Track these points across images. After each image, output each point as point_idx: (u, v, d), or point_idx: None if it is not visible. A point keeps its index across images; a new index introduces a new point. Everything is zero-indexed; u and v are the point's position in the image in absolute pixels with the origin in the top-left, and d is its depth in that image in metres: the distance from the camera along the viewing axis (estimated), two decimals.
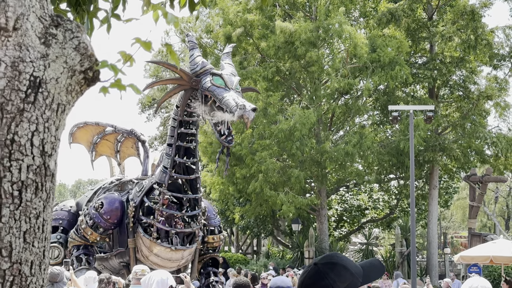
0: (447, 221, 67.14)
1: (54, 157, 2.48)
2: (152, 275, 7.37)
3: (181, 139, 12.18)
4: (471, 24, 31.03)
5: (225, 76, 11.18)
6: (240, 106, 10.27)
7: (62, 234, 15.05)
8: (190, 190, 12.75)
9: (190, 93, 11.60)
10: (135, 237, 12.90)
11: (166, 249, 12.51)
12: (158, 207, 12.45)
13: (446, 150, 32.03)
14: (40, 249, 2.42)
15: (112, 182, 14.98)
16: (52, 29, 2.46)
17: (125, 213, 13.26)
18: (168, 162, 12.31)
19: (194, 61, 11.66)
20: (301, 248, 34.44)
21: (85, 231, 13.39)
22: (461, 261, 25.19)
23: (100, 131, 15.12)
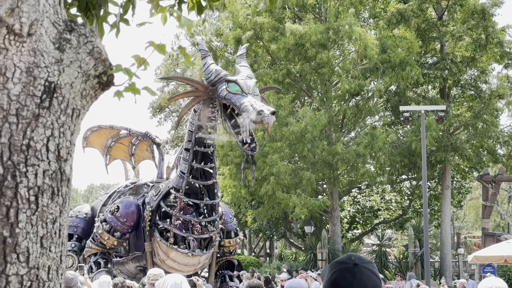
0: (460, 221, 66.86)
1: (69, 162, 2.48)
2: (166, 278, 7.35)
3: (198, 144, 12.00)
4: (481, 23, 30.91)
5: (240, 82, 10.90)
6: (259, 111, 10.00)
7: (77, 243, 14.99)
8: (208, 195, 12.61)
9: (208, 102, 11.40)
10: (152, 241, 12.81)
11: (182, 254, 12.42)
12: (175, 213, 12.33)
13: (458, 150, 31.89)
14: (57, 254, 2.42)
15: (126, 186, 14.91)
16: (66, 34, 2.47)
17: (141, 217, 13.16)
18: (185, 167, 12.14)
19: (208, 69, 11.45)
20: (314, 250, 34.37)
21: (101, 237, 13.24)
22: (475, 262, 25.04)
23: (114, 135, 14.99)
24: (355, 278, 2.48)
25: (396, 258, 38.57)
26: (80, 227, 15.32)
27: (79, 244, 14.97)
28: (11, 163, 2.29)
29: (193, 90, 11.67)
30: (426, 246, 24.88)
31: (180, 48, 2.68)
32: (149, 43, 2.54)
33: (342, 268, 2.53)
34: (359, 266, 2.51)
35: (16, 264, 2.27)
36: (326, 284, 2.56)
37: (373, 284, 2.49)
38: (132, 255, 13.67)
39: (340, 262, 2.57)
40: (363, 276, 2.49)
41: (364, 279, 2.48)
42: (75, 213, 15.81)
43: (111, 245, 13.29)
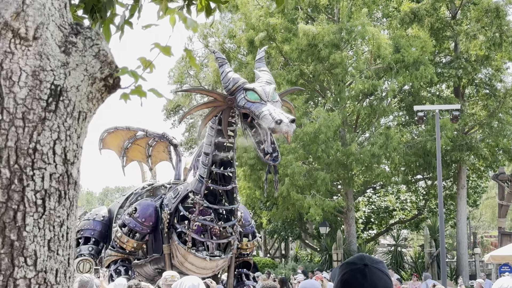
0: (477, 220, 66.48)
1: (76, 165, 2.48)
2: (183, 281, 7.36)
3: (218, 148, 11.75)
4: (495, 21, 30.74)
5: (259, 89, 10.62)
6: (277, 120, 9.74)
7: (94, 246, 14.80)
8: (227, 200, 12.40)
9: (229, 111, 11.17)
10: (170, 243, 12.67)
11: (200, 259, 12.30)
12: (193, 217, 12.15)
13: (474, 149, 31.75)
14: (65, 257, 2.42)
15: (144, 188, 14.75)
16: (72, 37, 2.47)
17: (159, 219, 13.00)
18: (205, 172, 11.92)
19: (226, 77, 11.19)
20: (329, 251, 34.32)
21: (121, 240, 13.03)
22: (491, 261, 24.92)
23: (131, 136, 14.77)
24: (365, 279, 2.48)
25: (412, 258, 38.44)
26: (97, 230, 15.06)
27: (96, 247, 14.82)
28: (18, 166, 2.29)
29: (212, 101, 11.43)
30: (442, 246, 24.77)
31: (187, 50, 2.66)
32: (155, 44, 2.54)
33: (352, 269, 2.52)
34: (370, 266, 2.51)
35: (24, 268, 2.28)
36: (337, 285, 2.55)
37: (384, 285, 2.48)
38: (150, 258, 13.50)
39: (351, 263, 2.56)
40: (373, 276, 2.48)
41: (375, 279, 2.48)
42: (92, 216, 15.61)
43: (131, 248, 13.08)
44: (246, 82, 11.13)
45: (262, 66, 11.81)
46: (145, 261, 13.70)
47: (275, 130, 9.79)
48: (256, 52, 32.31)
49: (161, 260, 13.14)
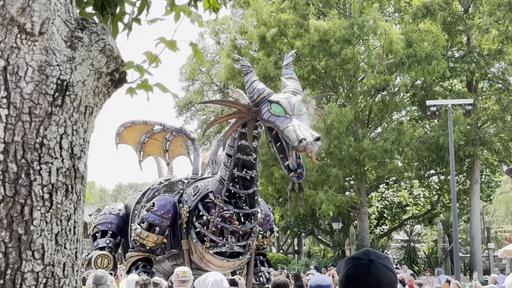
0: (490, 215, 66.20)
1: (83, 159, 2.50)
2: (207, 276, 7.40)
3: (241, 151, 11.41)
4: (508, 15, 30.54)
5: (284, 102, 10.14)
6: (301, 139, 9.35)
7: (111, 239, 14.47)
8: (248, 203, 12.12)
9: (253, 123, 10.81)
10: (189, 239, 12.42)
11: (217, 259, 12.10)
12: (213, 219, 11.87)
13: (487, 143, 31.61)
14: (72, 250, 2.44)
15: (161, 183, 14.39)
16: (78, 32, 2.49)
17: (178, 214, 12.72)
18: (226, 174, 11.61)
19: (251, 87, 10.76)
20: (342, 246, 34.28)
21: (141, 237, 12.68)
22: (505, 256, 24.83)
23: (148, 130, 14.46)
24: (370, 274, 2.48)
25: (425, 254, 38.32)
26: (114, 223, 14.74)
27: (114, 240, 14.48)
28: (25, 161, 2.31)
29: (236, 112, 11.08)
30: (456, 241, 24.68)
31: (192, 44, 2.66)
32: (160, 39, 2.54)
33: (357, 264, 2.53)
34: (375, 262, 2.51)
35: (32, 261, 2.30)
36: (342, 279, 2.56)
37: (388, 280, 2.48)
38: (168, 253, 13.19)
39: (356, 258, 2.56)
40: (378, 272, 2.48)
41: (380, 275, 2.48)
42: (108, 210, 15.39)
43: (151, 243, 12.72)
44: (271, 93, 10.68)
45: (290, 73, 11.32)
46: (163, 257, 13.41)
47: (299, 148, 9.47)
48: (267, 48, 32.51)
49: (179, 256, 12.87)
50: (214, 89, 45.02)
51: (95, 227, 14.81)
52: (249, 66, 11.18)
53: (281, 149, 10.22)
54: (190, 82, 44.30)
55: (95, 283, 9.23)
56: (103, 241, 14.32)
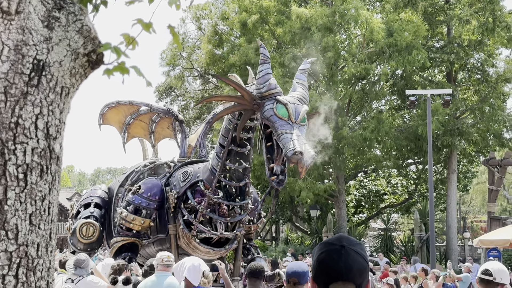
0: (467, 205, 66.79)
1: (59, 140, 2.49)
2: (184, 261, 7.40)
3: (234, 142, 11.10)
4: (488, 6, 30.70)
5: (290, 107, 9.83)
6: (297, 152, 9.13)
7: (96, 209, 13.91)
8: (239, 195, 11.84)
9: (250, 114, 10.55)
10: (176, 223, 12.13)
11: (204, 248, 11.92)
12: (201, 209, 11.62)
13: (465, 134, 31.84)
14: (46, 231, 2.43)
15: (145, 166, 13.98)
16: (55, 12, 2.47)
17: (164, 197, 12.39)
18: (218, 164, 11.32)
19: (263, 79, 10.38)
20: (319, 234, 34.45)
21: (127, 220, 12.33)
22: (480, 245, 25.08)
23: (134, 111, 13.95)
24: (341, 260, 2.49)
25: (401, 242, 38.63)
26: (96, 196, 14.33)
27: (99, 210, 13.92)
28: (0, 140, 2.30)
29: (238, 97, 10.69)
30: (432, 230, 24.90)
31: (170, 27, 2.65)
32: (137, 20, 2.53)
33: (329, 249, 2.54)
34: (346, 248, 2.51)
35: (5, 241, 2.29)
36: (314, 264, 2.57)
37: (359, 267, 2.49)
38: (154, 238, 12.84)
39: (329, 243, 2.57)
40: (349, 258, 2.49)
41: (350, 261, 2.48)
42: (90, 192, 15.04)
43: (138, 227, 12.38)
44: (281, 92, 10.39)
45: (303, 80, 10.90)
46: (148, 242, 13.01)
47: (292, 159, 9.23)
48: (248, 34, 32.42)
49: (166, 241, 12.58)
50: (195, 74, 44.87)
51: (78, 206, 14.42)
52: (267, 56, 10.75)
53: (270, 150, 10.01)
54: (170, 67, 44.08)
55: (76, 265, 9.21)
56: (88, 211, 13.84)
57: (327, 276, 2.50)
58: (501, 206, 56.84)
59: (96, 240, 13.33)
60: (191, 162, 13.01)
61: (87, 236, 13.20)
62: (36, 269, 2.37)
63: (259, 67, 10.61)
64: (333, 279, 2.49)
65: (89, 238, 13.23)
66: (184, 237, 12.02)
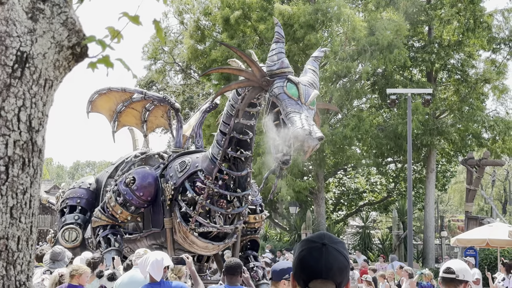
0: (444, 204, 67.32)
1: (41, 133, 2.47)
2: (148, 256, 7.39)
3: (236, 129, 10.65)
4: (470, 7, 30.94)
5: (301, 87, 9.46)
6: (306, 130, 8.74)
7: (80, 215, 13.55)
8: (239, 185, 11.28)
9: (258, 92, 10.03)
10: (172, 217, 11.61)
11: (202, 241, 11.42)
12: (200, 201, 11.09)
13: (444, 133, 32.05)
14: (27, 225, 2.41)
15: (137, 156, 13.39)
16: (40, 4, 2.45)
17: (159, 190, 11.88)
18: (218, 152, 10.82)
19: (275, 57, 9.95)
20: (298, 230, 34.51)
21: (114, 210, 11.92)
22: (457, 244, 25.27)
23: (126, 99, 13.15)
24: (321, 258, 2.49)
25: (379, 240, 38.83)
26: (84, 198, 13.81)
27: (83, 216, 13.52)
28: None
29: (247, 71, 10.14)
30: (410, 228, 25.05)
31: (155, 21, 2.63)
32: (123, 14, 2.51)
33: (310, 247, 2.53)
34: (328, 246, 2.51)
35: None
36: (294, 261, 2.57)
37: (339, 265, 2.49)
38: (147, 232, 12.32)
39: (310, 241, 2.57)
40: (329, 256, 2.49)
41: (331, 259, 2.49)
42: (78, 184, 14.45)
43: (124, 219, 12.03)
44: (292, 73, 9.94)
45: (315, 67, 10.43)
46: (140, 236, 12.50)
47: (299, 138, 8.79)
48: (231, 30, 32.39)
49: (160, 235, 12.09)
50: (176, 69, 44.76)
51: (64, 201, 13.98)
52: (282, 36, 10.30)
53: (276, 129, 9.51)
54: (152, 61, 43.96)
55: (52, 259, 9.17)
56: (71, 216, 13.53)
57: (307, 274, 2.50)
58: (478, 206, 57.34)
59: (80, 245, 12.97)
60: (187, 153, 12.42)
61: (70, 240, 12.93)
62: (16, 262, 2.35)
63: (272, 45, 10.22)
64: (313, 277, 2.49)
65: (72, 243, 12.94)
66: (181, 231, 11.54)
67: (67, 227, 13.08)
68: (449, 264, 5.34)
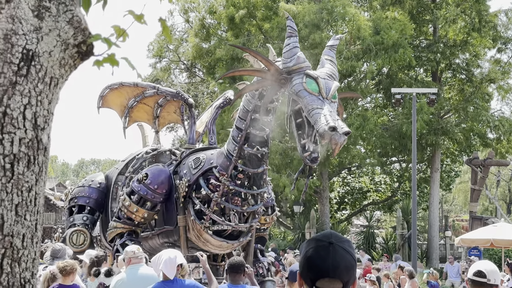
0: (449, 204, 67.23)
1: (47, 131, 2.47)
2: (161, 254, 7.37)
3: (253, 125, 10.36)
4: (475, 6, 30.88)
5: (321, 82, 9.10)
6: (330, 127, 8.39)
7: (89, 215, 13.40)
8: (255, 183, 11.02)
9: (277, 90, 9.79)
10: (186, 214, 11.35)
11: (216, 240, 11.17)
12: (215, 199, 10.86)
13: (449, 133, 31.99)
14: (32, 222, 2.42)
15: (147, 153, 13.16)
16: (46, 2, 2.45)
17: (173, 186, 11.59)
18: (235, 149, 10.57)
19: (290, 52, 9.64)
20: (302, 229, 34.53)
21: (129, 210, 11.60)
22: (461, 244, 25.26)
23: (138, 94, 12.94)
24: (328, 256, 2.49)
25: (383, 240, 38.81)
26: (93, 198, 13.58)
27: (92, 216, 13.40)
28: None
29: (263, 70, 9.84)
30: (414, 228, 25.04)
31: (161, 20, 2.64)
32: (129, 12, 2.52)
33: (317, 246, 2.54)
34: (335, 245, 2.52)
35: None
36: (301, 260, 2.57)
37: (346, 264, 2.50)
38: (159, 230, 12.07)
39: (317, 240, 2.57)
40: (337, 255, 2.50)
41: (338, 258, 2.49)
42: (87, 183, 14.14)
43: (140, 218, 11.66)
44: (309, 67, 9.56)
45: (332, 56, 10.03)
46: (152, 234, 12.26)
47: (324, 136, 8.44)
48: (236, 29, 32.40)
49: (173, 233, 11.84)
50: (181, 67, 44.79)
51: (72, 199, 13.80)
52: (294, 29, 9.97)
53: (300, 127, 9.24)
54: (157, 59, 43.99)
55: (53, 256, 9.19)
56: (80, 217, 13.34)
57: (314, 272, 2.50)
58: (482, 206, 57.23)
59: (87, 249, 12.57)
60: (201, 149, 12.15)
61: (78, 244, 12.75)
62: (21, 260, 2.36)
63: (285, 40, 9.89)
64: (320, 276, 2.49)
65: (80, 247, 12.75)
66: (195, 229, 11.29)
67: (75, 229, 12.86)
68: (480, 266, 5.16)
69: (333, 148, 8.60)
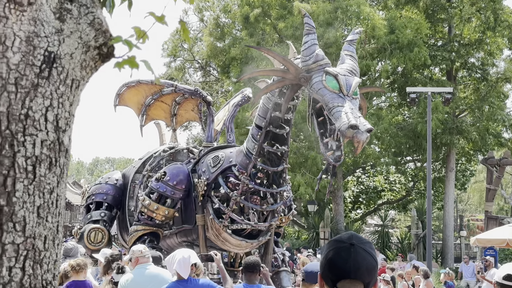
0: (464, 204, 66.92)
1: (68, 133, 2.48)
2: (176, 253, 7.37)
3: (273, 123, 10.25)
4: (490, 5, 30.71)
5: (341, 78, 8.94)
6: (352, 125, 8.26)
7: (107, 211, 13.29)
8: (275, 181, 10.96)
9: (296, 89, 9.68)
10: (205, 213, 11.28)
11: (235, 239, 11.10)
12: (235, 197, 10.77)
13: (464, 132, 31.84)
14: (54, 224, 2.43)
15: (165, 151, 13.12)
16: (67, 4, 2.46)
17: (191, 185, 11.50)
18: (254, 147, 10.47)
19: (309, 50, 9.49)
20: (316, 229, 34.48)
21: (149, 209, 11.46)
22: (477, 244, 25.11)
23: (156, 91, 12.83)
24: (350, 258, 2.50)
25: (398, 239, 38.69)
26: (110, 195, 13.52)
27: (110, 213, 13.32)
28: (9, 132, 2.29)
29: (283, 70, 9.70)
30: (429, 227, 24.91)
31: (181, 22, 2.64)
32: (149, 13, 2.52)
33: (338, 247, 2.55)
34: (356, 246, 2.52)
35: (13, 233, 2.29)
36: (322, 261, 2.58)
37: (368, 265, 2.50)
38: (178, 228, 12.01)
39: (338, 241, 2.58)
40: (358, 256, 2.50)
41: (359, 259, 2.50)
42: (104, 180, 14.11)
43: (161, 217, 11.50)
44: (329, 64, 9.44)
45: (352, 51, 9.90)
46: (170, 233, 12.17)
47: (346, 134, 8.32)
48: (250, 28, 32.40)
49: (192, 232, 11.77)
50: (196, 66, 44.86)
51: (89, 197, 13.75)
52: (312, 26, 9.84)
53: (322, 124, 9.15)
54: (172, 58, 44.08)
55: (65, 254, 9.21)
56: (97, 213, 13.25)
57: (335, 274, 2.51)
58: (498, 206, 56.90)
59: (105, 247, 12.44)
60: (220, 147, 12.12)
61: (95, 242, 12.59)
62: (43, 261, 2.37)
63: (304, 38, 9.73)
64: (341, 277, 2.50)
65: (97, 245, 12.57)
66: (213, 228, 11.22)
67: (93, 226, 12.71)
68: (509, 270, 5.10)
69: (356, 146, 8.47)
